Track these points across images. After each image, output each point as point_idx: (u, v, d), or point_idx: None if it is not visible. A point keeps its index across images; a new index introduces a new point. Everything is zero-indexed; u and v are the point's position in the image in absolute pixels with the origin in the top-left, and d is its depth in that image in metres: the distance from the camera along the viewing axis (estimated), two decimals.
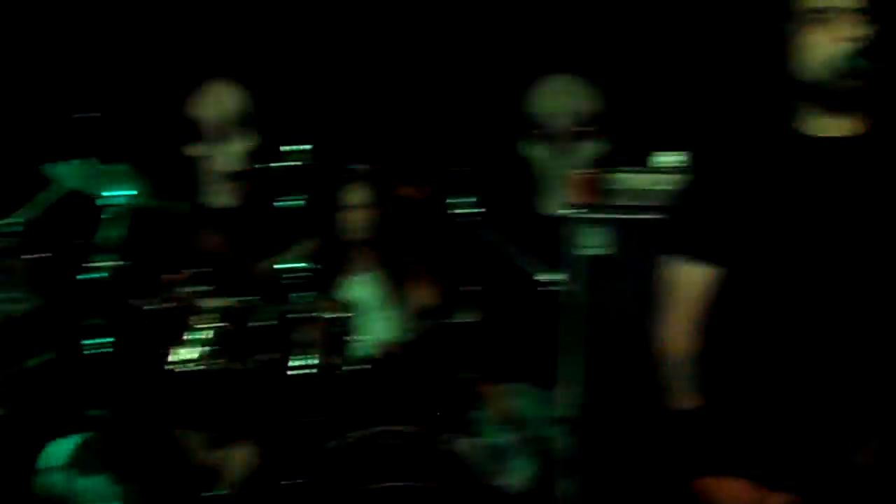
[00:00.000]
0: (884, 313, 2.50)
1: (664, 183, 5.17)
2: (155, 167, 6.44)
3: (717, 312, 2.78)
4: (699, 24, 6.42)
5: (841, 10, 2.58)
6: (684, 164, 5.34)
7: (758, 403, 2.65)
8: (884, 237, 2.53)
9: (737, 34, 2.83)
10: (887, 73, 2.29)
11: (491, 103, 6.64)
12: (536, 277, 5.15)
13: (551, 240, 6.69)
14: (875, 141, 2.57)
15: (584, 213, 5.22)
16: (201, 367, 4.29)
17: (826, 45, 2.55)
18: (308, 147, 4.42)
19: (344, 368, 4.51)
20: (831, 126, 2.65)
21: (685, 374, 2.76)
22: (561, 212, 5.58)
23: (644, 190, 5.21)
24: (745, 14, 2.82)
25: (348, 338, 4.53)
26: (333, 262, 5.43)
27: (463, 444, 4.91)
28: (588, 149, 6.58)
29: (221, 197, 6.77)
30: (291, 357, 4.31)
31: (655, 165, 5.47)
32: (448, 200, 4.96)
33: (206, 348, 4.31)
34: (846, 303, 2.54)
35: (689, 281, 2.80)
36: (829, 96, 2.62)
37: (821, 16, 2.58)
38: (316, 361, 4.31)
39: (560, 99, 6.57)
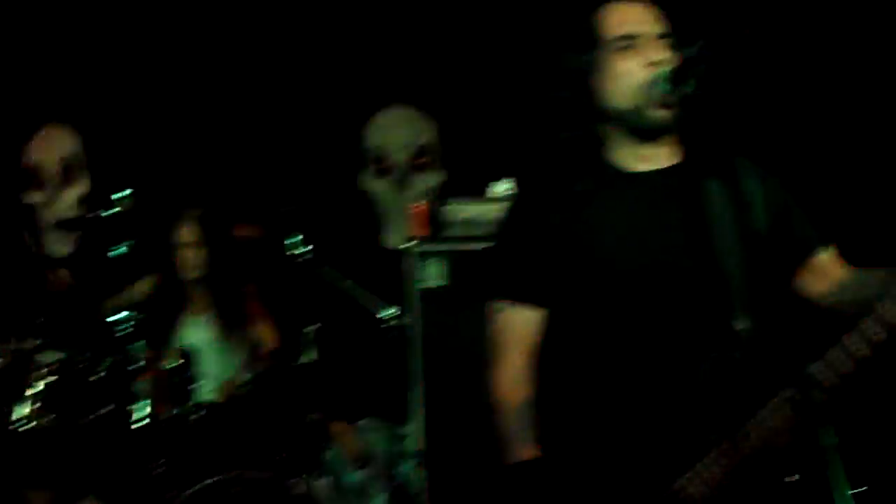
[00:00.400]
0: (699, 347, 2.51)
1: (499, 212, 5.22)
2: None
3: (545, 355, 2.74)
4: (525, 54, 6.53)
5: (645, 37, 2.58)
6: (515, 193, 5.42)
7: (588, 449, 2.61)
8: (696, 272, 2.52)
9: (554, 65, 2.77)
10: (695, 99, 2.30)
11: (326, 139, 6.62)
12: (377, 313, 5.12)
13: (393, 274, 6.75)
14: (687, 172, 2.54)
15: (423, 246, 5.22)
16: (39, 424, 4.18)
17: (632, 73, 2.54)
18: (129, 192, 4.33)
19: (189, 417, 4.43)
20: (644, 157, 2.62)
21: (519, 425, 2.68)
22: (401, 245, 5.59)
23: (480, 220, 5.24)
24: (562, 44, 2.77)
25: (188, 385, 4.45)
26: (168, 303, 5.34)
27: (315, 485, 4.86)
28: (426, 180, 6.64)
29: (57, 245, 6.66)
30: (131, 408, 4.22)
31: (491, 195, 5.52)
32: (285, 240, 4.90)
33: (41, 404, 4.20)
34: (663, 340, 2.52)
35: (516, 324, 2.71)
36: (637, 125, 2.61)
37: (625, 43, 2.57)
38: (155, 411, 4.24)
39: (396, 131, 6.62)
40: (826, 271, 2.70)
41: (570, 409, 2.64)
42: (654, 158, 2.63)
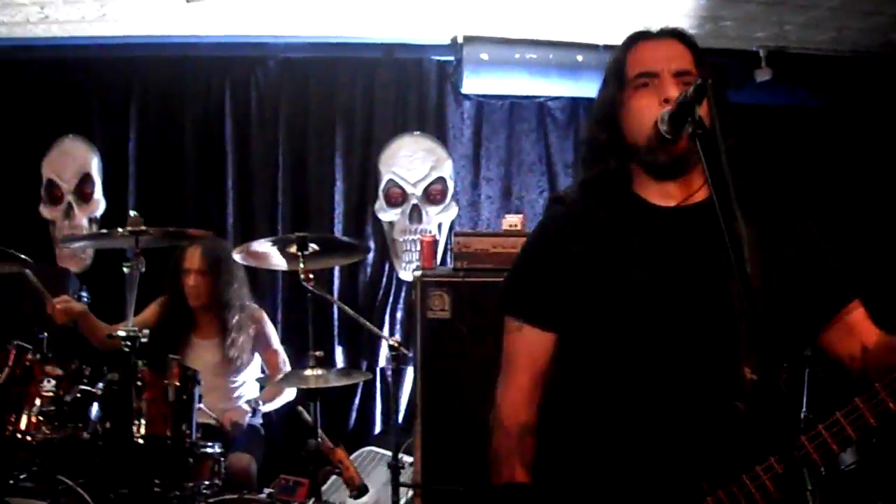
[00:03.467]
0: (704, 392, 2.49)
1: (510, 246, 5.26)
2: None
3: (553, 380, 2.73)
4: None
5: (663, 75, 2.58)
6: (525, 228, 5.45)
7: (580, 482, 2.59)
8: (709, 314, 2.50)
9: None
10: (703, 139, 2.29)
11: (338, 166, 6.68)
12: (385, 341, 5.13)
13: (401, 303, 6.79)
14: (712, 211, 2.51)
15: (430, 277, 5.24)
16: (45, 436, 4.18)
17: (647, 111, 2.55)
18: (135, 213, 4.35)
19: (187, 438, 4.42)
20: (668, 193, 2.62)
21: (515, 447, 2.67)
22: (410, 275, 5.60)
23: (490, 252, 5.27)
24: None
25: (189, 406, 4.46)
26: (176, 325, 5.37)
27: None
28: (438, 213, 6.68)
29: (70, 260, 6.70)
30: (134, 424, 4.22)
31: (502, 228, 5.55)
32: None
33: (42, 416, 4.20)
34: (668, 378, 2.50)
35: (528, 344, 2.71)
36: (651, 162, 2.61)
37: (643, 80, 2.58)
38: (154, 431, 4.24)
39: (411, 162, 6.66)
40: (857, 330, 2.64)
41: (568, 439, 2.62)
42: (676, 196, 2.62)
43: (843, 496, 5.48)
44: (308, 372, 4.57)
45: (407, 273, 6.46)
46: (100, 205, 6.67)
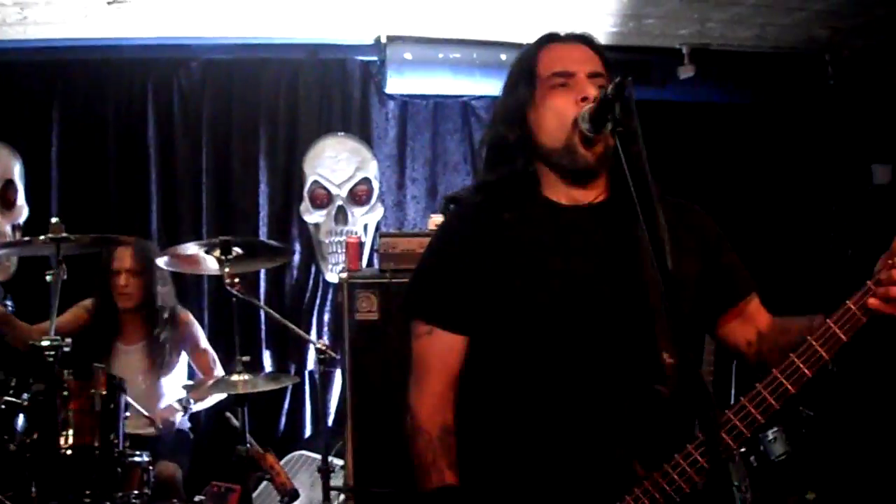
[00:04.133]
0: (623, 379, 2.52)
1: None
2: None
3: (467, 381, 2.73)
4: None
5: (578, 75, 2.60)
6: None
7: (505, 479, 2.61)
8: (618, 304, 2.54)
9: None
10: (623, 136, 2.32)
11: (266, 168, 6.65)
12: (313, 344, 5.12)
13: (329, 305, 6.78)
14: (614, 209, 2.56)
15: (357, 278, 5.24)
16: None
17: (563, 111, 2.56)
18: (56, 220, 4.30)
19: (116, 447, 4.38)
20: (574, 196, 2.64)
21: (438, 451, 2.67)
22: (336, 277, 5.59)
23: (417, 253, 5.28)
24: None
25: (116, 414, 4.41)
26: (101, 330, 5.31)
27: None
28: (364, 214, 6.67)
29: None
30: (62, 435, 4.17)
31: (428, 228, 5.56)
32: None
33: None
34: (584, 370, 2.53)
35: (438, 349, 2.66)
36: (565, 163, 2.62)
37: (559, 80, 2.59)
38: (81, 441, 4.20)
39: (336, 163, 6.64)
40: (753, 318, 2.74)
41: (489, 438, 2.63)
42: (584, 198, 2.65)
43: (775, 486, 5.58)
44: (236, 377, 4.56)
45: (333, 275, 6.44)
46: (23, 211, 6.56)
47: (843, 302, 2.41)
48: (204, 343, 5.60)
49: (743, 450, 2.43)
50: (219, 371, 5.50)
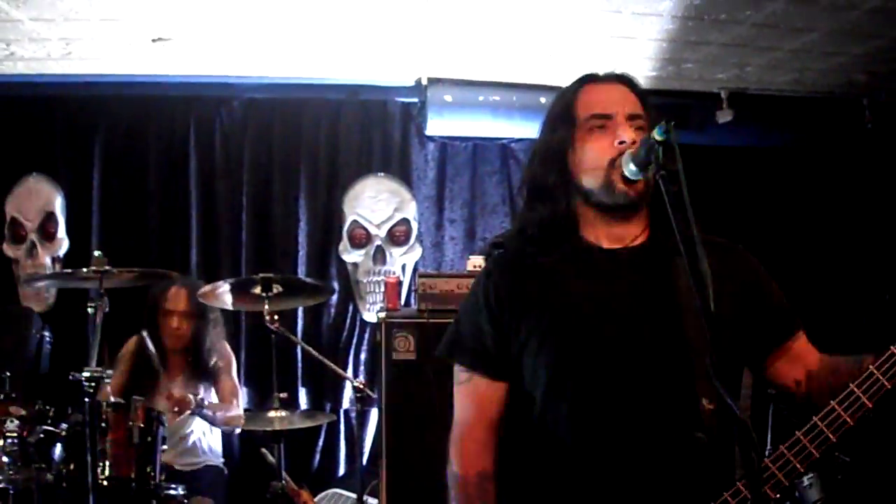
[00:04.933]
0: (670, 416, 2.52)
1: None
2: None
3: (507, 427, 2.73)
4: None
5: (616, 117, 2.61)
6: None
7: None
8: (661, 348, 2.53)
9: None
10: (667, 179, 2.32)
11: (305, 207, 6.69)
12: (350, 382, 5.14)
13: (366, 344, 6.80)
14: (656, 251, 2.56)
15: (395, 318, 5.25)
16: (9, 476, 4.14)
17: (601, 152, 2.57)
18: (99, 253, 4.33)
19: (151, 480, 4.40)
20: (614, 236, 2.64)
21: (479, 497, 2.67)
22: (374, 316, 5.60)
23: (455, 293, 5.29)
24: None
25: (153, 447, 4.43)
26: (145, 366, 5.31)
27: None
28: (402, 254, 6.70)
29: (33, 300, 6.66)
30: (98, 466, 4.19)
31: (466, 269, 5.58)
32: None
33: (11, 458, 4.16)
34: (627, 415, 2.52)
35: (480, 396, 2.68)
36: (604, 203, 2.63)
37: (597, 122, 2.60)
38: (118, 472, 4.22)
39: (375, 203, 6.68)
40: (801, 357, 2.71)
41: (529, 484, 2.62)
42: (624, 238, 2.65)
43: None
44: (272, 413, 4.58)
45: (371, 314, 6.46)
46: (63, 244, 6.64)
47: (888, 347, 2.39)
48: (232, 374, 5.58)
49: (778, 496, 2.38)
50: (237, 407, 5.49)
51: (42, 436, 4.24)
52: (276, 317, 4.60)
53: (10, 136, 6.67)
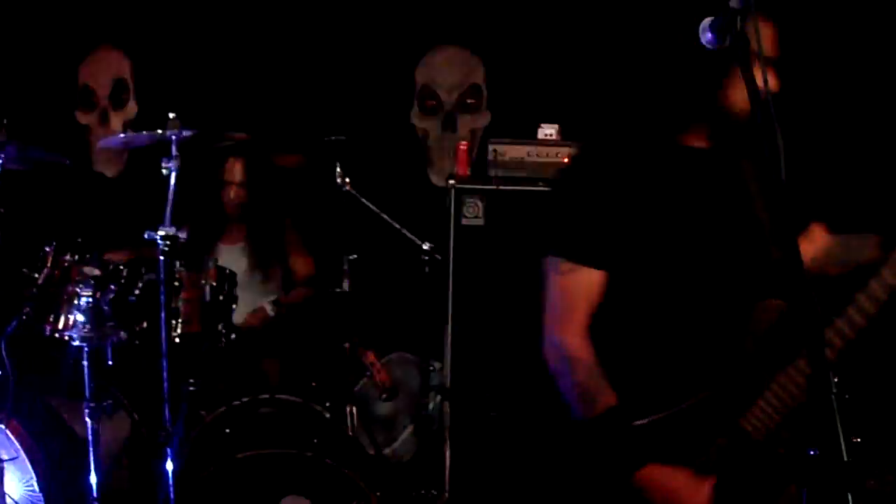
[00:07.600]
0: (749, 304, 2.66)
1: (545, 155, 5.27)
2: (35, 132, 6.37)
3: (609, 314, 2.82)
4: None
5: (766, 58, 2.64)
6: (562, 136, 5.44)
7: (658, 395, 2.73)
8: (745, 246, 2.71)
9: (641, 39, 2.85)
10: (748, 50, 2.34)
11: (375, 73, 6.62)
12: (420, 247, 5.16)
13: (436, 210, 6.78)
14: (725, 153, 2.74)
15: (466, 184, 5.25)
16: (84, 335, 4.22)
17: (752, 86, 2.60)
18: (173, 115, 4.32)
19: (223, 338, 4.47)
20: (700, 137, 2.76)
21: (597, 378, 2.77)
22: (445, 182, 5.60)
23: (525, 161, 5.28)
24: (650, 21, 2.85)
25: (225, 306, 4.49)
26: (208, 229, 5.43)
27: (346, 413, 4.90)
28: (473, 120, 6.66)
29: (106, 165, 6.76)
30: (169, 325, 4.26)
31: (538, 137, 5.53)
32: (329, 169, 4.92)
33: (79, 317, 4.24)
34: (722, 294, 2.68)
35: (583, 285, 2.81)
36: (734, 128, 2.70)
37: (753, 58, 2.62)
38: (190, 330, 4.29)
39: (446, 71, 6.63)
40: (812, 237, 2.96)
41: (633, 365, 2.80)
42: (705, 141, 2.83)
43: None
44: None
45: (440, 180, 6.44)
46: (134, 110, 6.70)
47: None
48: (301, 247, 5.66)
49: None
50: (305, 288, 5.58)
51: (113, 296, 4.30)
52: (347, 179, 4.62)
53: (83, 4, 6.69)
